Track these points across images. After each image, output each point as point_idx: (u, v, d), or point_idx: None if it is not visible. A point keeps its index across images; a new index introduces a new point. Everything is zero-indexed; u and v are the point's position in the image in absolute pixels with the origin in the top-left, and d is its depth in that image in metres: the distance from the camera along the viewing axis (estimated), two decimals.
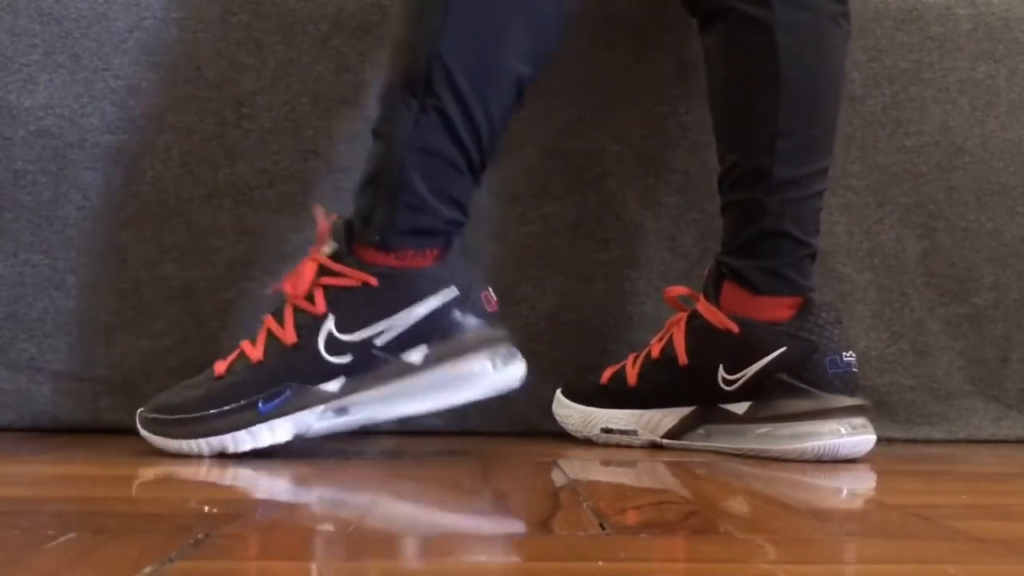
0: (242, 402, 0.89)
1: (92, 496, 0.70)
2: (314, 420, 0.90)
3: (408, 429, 1.13)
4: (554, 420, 1.11)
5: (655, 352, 1.05)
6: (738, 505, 0.70)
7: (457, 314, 0.90)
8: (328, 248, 0.91)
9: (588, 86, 1.17)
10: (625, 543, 0.55)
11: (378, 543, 0.55)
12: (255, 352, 0.91)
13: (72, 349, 1.11)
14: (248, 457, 0.90)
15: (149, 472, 0.82)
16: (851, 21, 1.03)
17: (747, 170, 1.00)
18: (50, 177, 1.12)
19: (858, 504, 0.71)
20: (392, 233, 0.89)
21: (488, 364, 0.90)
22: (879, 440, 0.96)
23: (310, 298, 0.90)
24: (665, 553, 0.53)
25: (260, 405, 0.89)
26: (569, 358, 1.16)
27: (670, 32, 1.17)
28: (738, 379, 0.97)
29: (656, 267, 1.17)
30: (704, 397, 1.00)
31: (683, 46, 1.17)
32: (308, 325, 0.89)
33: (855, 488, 0.79)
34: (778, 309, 0.99)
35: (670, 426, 1.03)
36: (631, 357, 1.08)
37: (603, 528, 0.58)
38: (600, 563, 0.50)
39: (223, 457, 0.88)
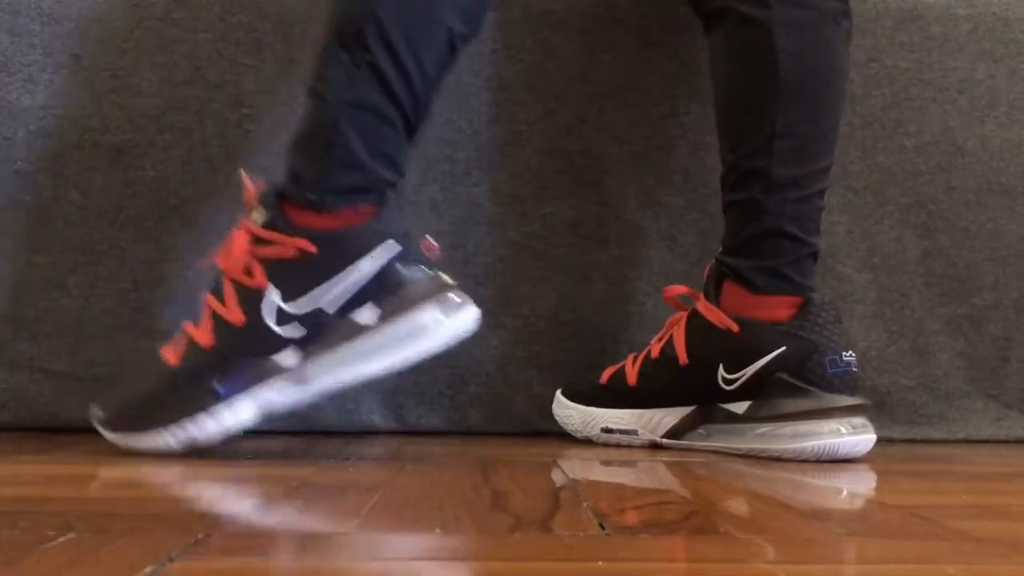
0: (199, 387, 0.88)
1: (92, 496, 0.70)
2: (275, 395, 0.88)
3: (408, 429, 1.13)
4: (554, 420, 1.11)
5: (655, 352, 1.05)
6: (738, 505, 0.70)
7: (400, 267, 0.88)
8: (259, 215, 0.89)
9: (588, 86, 1.17)
10: (625, 543, 0.55)
11: (378, 543, 0.55)
12: (203, 336, 0.89)
13: (72, 349, 1.11)
14: (248, 457, 0.90)
15: (149, 472, 0.82)
16: (851, 19, 1.03)
17: (745, 170, 1.00)
18: (50, 177, 1.12)
19: (858, 504, 0.71)
20: (326, 191, 0.88)
21: (439, 314, 0.88)
22: (879, 440, 0.96)
23: (248, 272, 0.88)
24: (665, 553, 0.53)
25: (217, 388, 0.88)
26: (569, 358, 1.16)
27: (670, 32, 1.17)
28: (738, 378, 0.97)
29: (656, 267, 1.17)
30: (704, 397, 1.00)
31: (683, 46, 1.17)
32: (251, 301, 0.88)
33: (855, 488, 0.79)
34: (778, 308, 0.98)
35: (670, 426, 1.03)
36: (631, 357, 1.08)
37: (603, 528, 0.58)
38: (600, 563, 0.50)
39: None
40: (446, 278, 0.90)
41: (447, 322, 0.88)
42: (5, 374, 1.10)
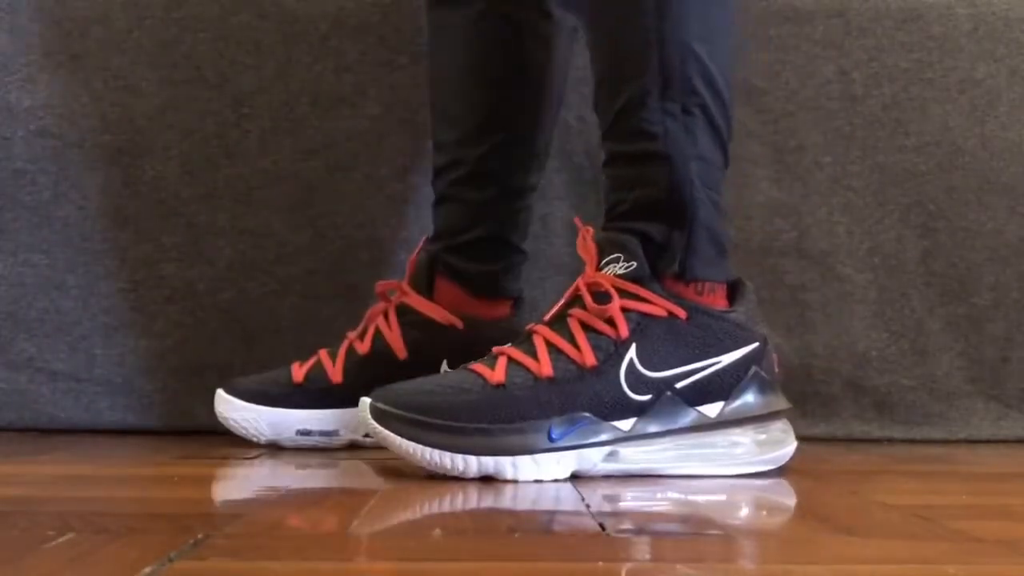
0: (532, 422, 0.77)
1: (92, 496, 0.70)
2: (598, 460, 0.79)
3: None
4: None
5: (362, 348, 0.99)
6: (738, 505, 0.70)
7: (755, 371, 0.82)
8: (622, 268, 0.81)
9: (588, 86, 1.17)
10: (625, 543, 0.55)
11: (378, 543, 0.55)
12: (541, 366, 0.79)
13: (72, 349, 1.11)
14: (248, 457, 0.90)
15: (149, 472, 0.82)
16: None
17: (475, 173, 1.01)
18: (50, 177, 1.12)
19: (858, 504, 0.71)
20: (694, 262, 0.81)
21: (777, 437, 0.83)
22: (879, 440, 0.96)
23: (609, 319, 0.80)
24: (665, 553, 0.53)
25: (552, 431, 0.77)
26: None
27: None
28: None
29: None
30: None
31: None
32: (608, 349, 0.79)
33: (855, 488, 0.79)
34: (495, 308, 1.01)
35: None
36: (323, 353, 1.00)
37: (603, 528, 0.58)
38: (600, 563, 0.50)
39: (230, 459, 0.88)
40: (785, 401, 0.84)
41: (767, 450, 0.83)
42: (5, 374, 1.10)
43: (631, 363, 0.79)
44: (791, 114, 1.17)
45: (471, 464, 0.76)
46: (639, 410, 0.79)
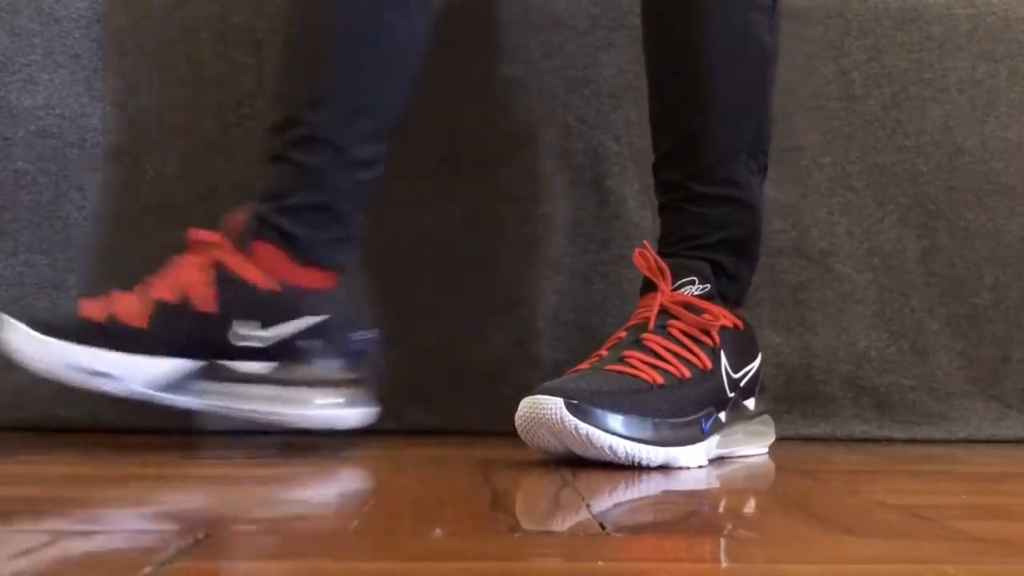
0: (694, 416, 0.89)
1: (92, 496, 0.70)
2: (714, 446, 0.92)
3: (408, 429, 1.13)
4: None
5: (168, 296, 0.94)
6: (738, 505, 0.70)
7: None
8: (698, 289, 0.94)
9: (588, 86, 1.17)
10: (625, 543, 0.55)
11: (378, 543, 0.55)
12: (681, 368, 0.90)
13: None
14: (248, 457, 0.90)
15: (149, 472, 0.82)
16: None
17: (319, 138, 0.95)
18: (50, 177, 1.12)
19: (858, 504, 0.71)
20: (746, 294, 1.01)
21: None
22: (879, 440, 0.96)
23: (706, 330, 0.93)
24: (665, 553, 0.53)
25: (703, 423, 0.90)
26: (569, 358, 1.15)
27: None
28: (267, 339, 0.93)
29: None
30: (220, 352, 0.94)
31: None
32: (713, 357, 0.92)
33: (855, 488, 0.79)
34: (316, 278, 0.96)
35: (170, 377, 0.93)
36: (116, 295, 0.95)
37: (603, 528, 0.58)
38: (600, 563, 0.50)
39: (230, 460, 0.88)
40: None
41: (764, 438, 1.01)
42: (5, 374, 1.10)
43: (725, 366, 0.93)
44: (790, 114, 1.17)
45: (659, 455, 0.85)
46: (731, 404, 0.94)
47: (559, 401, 0.82)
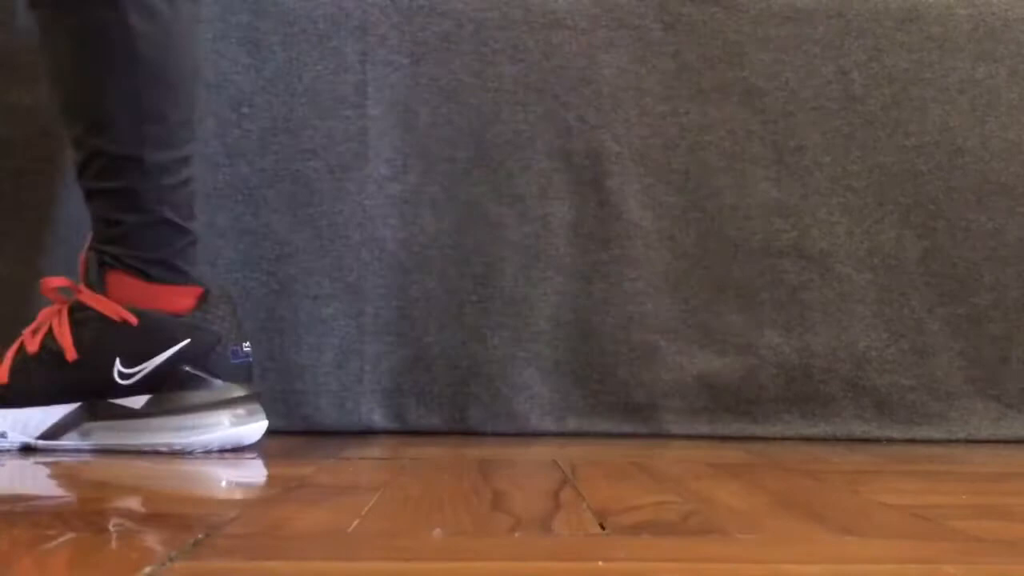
0: None
1: (92, 496, 0.70)
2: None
3: (408, 429, 1.13)
4: (555, 420, 1.11)
5: (31, 347, 0.97)
6: (738, 505, 0.70)
7: None
8: None
9: (588, 86, 1.17)
10: (625, 543, 0.55)
11: (378, 543, 0.55)
12: None
13: None
14: (248, 457, 0.90)
15: (149, 472, 0.82)
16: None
17: (117, 156, 0.95)
18: (50, 177, 1.12)
19: (858, 504, 0.71)
20: None
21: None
22: (879, 440, 0.96)
23: None
24: (665, 553, 0.53)
25: None
26: (569, 358, 1.16)
27: (670, 32, 1.17)
28: (137, 372, 0.94)
29: (656, 267, 1.17)
30: (94, 393, 0.95)
31: (683, 46, 1.17)
32: None
33: (855, 488, 0.79)
34: (178, 299, 0.96)
35: (48, 425, 0.95)
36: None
37: (603, 528, 0.58)
38: (600, 563, 0.50)
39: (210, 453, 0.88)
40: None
41: None
42: None
43: None
44: (791, 114, 1.17)
45: None
46: None
47: None
